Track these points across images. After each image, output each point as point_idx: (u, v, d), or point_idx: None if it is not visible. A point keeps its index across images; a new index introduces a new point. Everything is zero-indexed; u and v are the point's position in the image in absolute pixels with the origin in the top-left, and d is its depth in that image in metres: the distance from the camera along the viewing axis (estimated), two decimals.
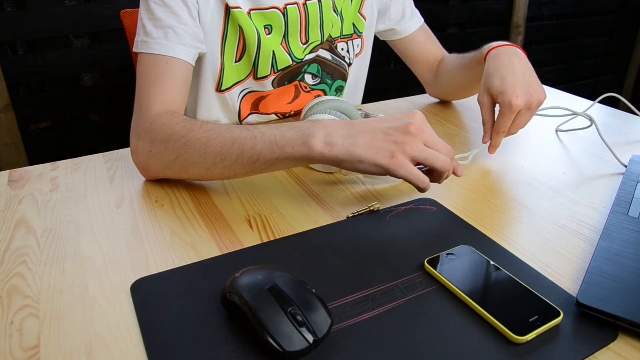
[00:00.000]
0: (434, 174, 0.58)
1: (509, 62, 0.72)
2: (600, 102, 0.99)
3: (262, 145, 0.58)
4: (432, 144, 0.56)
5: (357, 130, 0.56)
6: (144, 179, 0.70)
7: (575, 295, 0.47)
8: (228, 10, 0.79)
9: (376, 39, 1.01)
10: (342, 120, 0.59)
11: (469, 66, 0.86)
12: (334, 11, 0.88)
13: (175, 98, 0.71)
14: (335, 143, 0.55)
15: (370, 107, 1.01)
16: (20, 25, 1.39)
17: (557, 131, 0.86)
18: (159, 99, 0.69)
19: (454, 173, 0.61)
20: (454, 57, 0.94)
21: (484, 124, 0.73)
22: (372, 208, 0.61)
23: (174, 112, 0.68)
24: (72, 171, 0.73)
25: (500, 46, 0.76)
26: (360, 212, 0.61)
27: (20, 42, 1.43)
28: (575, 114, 0.88)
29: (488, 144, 0.73)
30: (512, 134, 0.72)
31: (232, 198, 0.65)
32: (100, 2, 1.45)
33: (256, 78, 0.85)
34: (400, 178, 0.55)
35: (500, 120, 0.70)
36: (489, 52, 0.76)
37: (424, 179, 0.56)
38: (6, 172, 0.72)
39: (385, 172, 0.55)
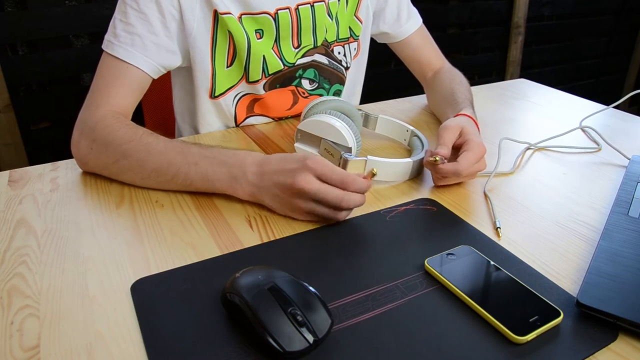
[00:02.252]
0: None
1: None
2: (598, 100, 0.99)
3: (194, 176, 0.63)
4: (319, 198, 0.57)
5: (264, 181, 0.60)
6: None
7: (575, 295, 0.47)
8: (216, 16, 0.79)
9: (373, 39, 1.01)
10: (259, 162, 0.61)
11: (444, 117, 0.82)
12: (328, 15, 0.87)
13: (126, 103, 0.74)
14: (252, 192, 0.61)
15: (370, 107, 1.01)
16: (20, 25, 1.39)
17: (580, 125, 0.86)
18: (110, 101, 0.72)
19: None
20: (443, 86, 0.90)
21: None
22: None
23: (120, 114, 0.71)
24: (72, 171, 0.73)
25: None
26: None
27: (20, 42, 1.43)
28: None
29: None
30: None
31: (232, 198, 0.65)
32: (100, 2, 1.46)
33: (248, 81, 0.85)
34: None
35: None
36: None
37: (327, 219, 0.59)
38: (6, 172, 0.72)
39: None
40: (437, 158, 0.64)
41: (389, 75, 2.10)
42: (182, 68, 0.83)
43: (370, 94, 1.13)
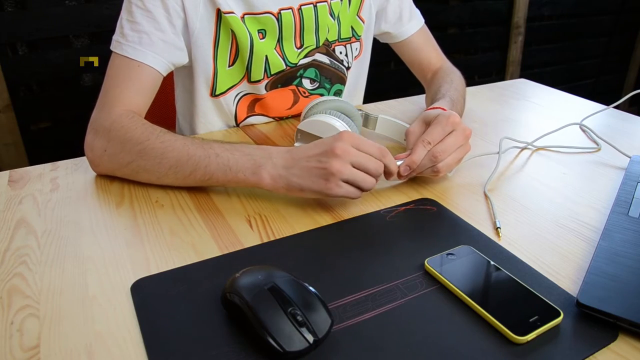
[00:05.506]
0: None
1: None
2: (598, 100, 0.99)
3: (215, 167, 0.62)
4: (358, 163, 0.59)
5: (295, 160, 0.60)
6: None
7: (575, 295, 0.47)
8: (219, 15, 0.79)
9: (376, 39, 1.00)
10: (288, 149, 0.62)
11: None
12: (331, 15, 0.87)
13: (140, 102, 0.73)
14: (279, 175, 0.60)
15: (371, 107, 1.01)
16: (20, 25, 1.39)
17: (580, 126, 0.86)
18: (123, 100, 0.72)
19: (398, 175, 0.64)
20: (435, 85, 0.90)
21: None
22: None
23: (134, 114, 0.70)
24: (72, 171, 0.73)
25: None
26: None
27: (20, 42, 1.43)
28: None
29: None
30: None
31: (232, 198, 0.65)
32: (100, 2, 1.46)
33: (250, 81, 0.85)
34: (336, 197, 0.60)
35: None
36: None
37: (355, 194, 0.60)
38: (6, 172, 0.72)
39: (323, 195, 0.59)
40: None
41: (389, 75, 2.10)
42: (185, 67, 0.83)
43: (371, 94, 1.13)
